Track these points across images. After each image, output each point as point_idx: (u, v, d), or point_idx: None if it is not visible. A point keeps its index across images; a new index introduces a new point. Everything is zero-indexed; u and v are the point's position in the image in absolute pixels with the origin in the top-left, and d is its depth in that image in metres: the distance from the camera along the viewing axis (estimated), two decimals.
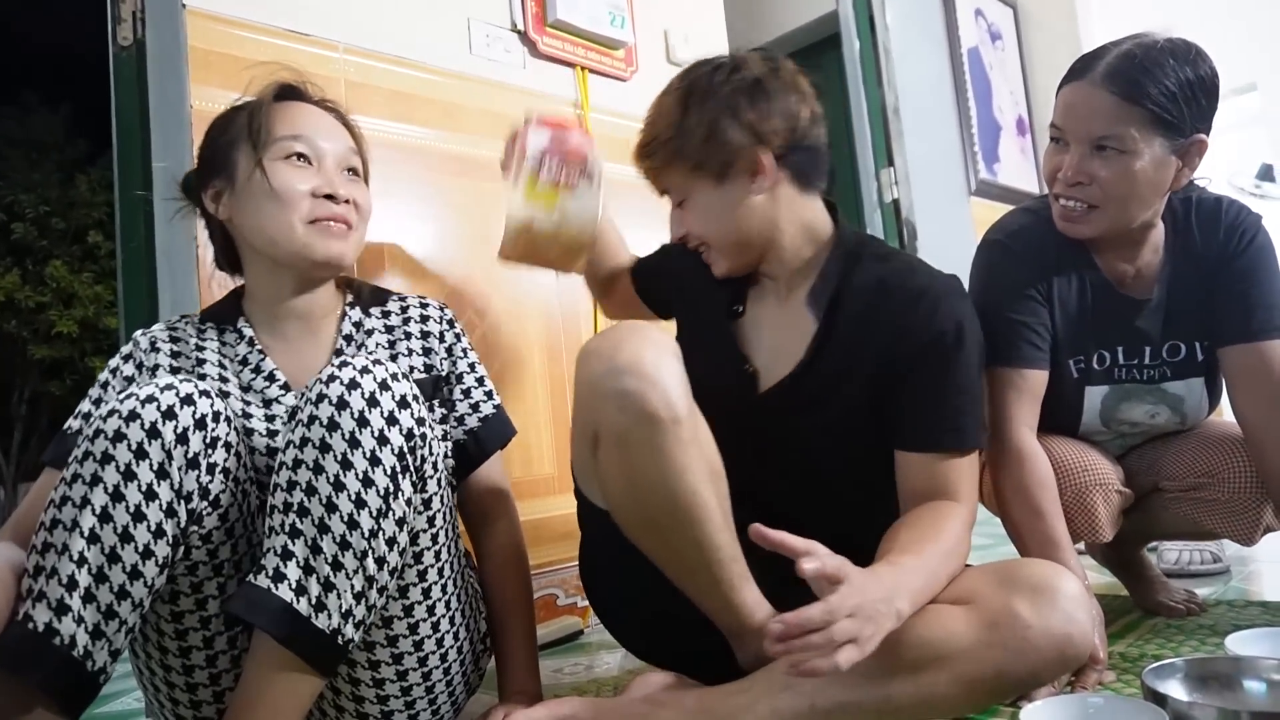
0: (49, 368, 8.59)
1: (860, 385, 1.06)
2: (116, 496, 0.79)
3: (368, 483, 0.83)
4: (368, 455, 0.83)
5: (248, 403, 1.02)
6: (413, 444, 0.86)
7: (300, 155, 1.02)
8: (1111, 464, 1.26)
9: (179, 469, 0.82)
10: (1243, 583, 1.57)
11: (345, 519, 0.82)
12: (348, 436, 0.82)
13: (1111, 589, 1.50)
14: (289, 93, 1.08)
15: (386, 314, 1.13)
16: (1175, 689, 0.83)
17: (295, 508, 0.83)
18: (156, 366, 1.03)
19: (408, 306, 1.14)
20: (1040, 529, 1.13)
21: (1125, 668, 1.11)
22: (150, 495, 0.80)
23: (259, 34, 1.49)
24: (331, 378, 0.84)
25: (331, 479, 0.82)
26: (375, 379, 0.85)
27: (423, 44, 1.71)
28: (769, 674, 0.93)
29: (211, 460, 0.85)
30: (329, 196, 1.01)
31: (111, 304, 7.93)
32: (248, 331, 1.06)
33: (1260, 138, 4.17)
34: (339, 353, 1.07)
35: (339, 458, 0.82)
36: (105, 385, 1.03)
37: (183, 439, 0.82)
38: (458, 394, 1.12)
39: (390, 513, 0.84)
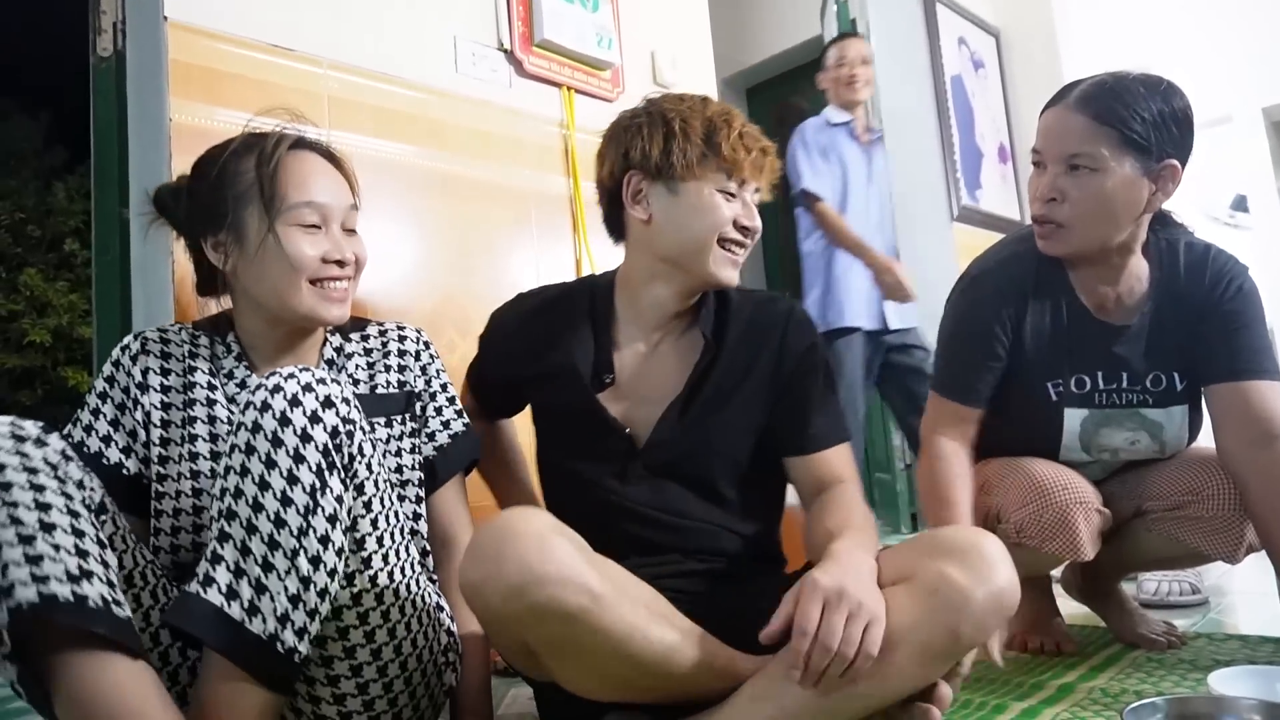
0: (19, 377, 8.43)
1: (741, 406, 1.16)
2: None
3: (293, 479, 0.82)
4: (291, 452, 0.82)
5: (233, 414, 1.01)
6: (338, 441, 0.85)
7: (311, 225, 1.03)
8: (1090, 486, 1.27)
9: None
10: (1221, 614, 1.57)
11: (272, 517, 0.82)
12: (270, 436, 0.82)
13: (1090, 619, 1.49)
14: (297, 144, 1.06)
15: (366, 338, 1.14)
16: None
17: (224, 513, 0.83)
18: (147, 370, 1.04)
19: (386, 331, 1.16)
20: (948, 516, 1.21)
21: (1107, 703, 1.10)
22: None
23: (242, 48, 1.48)
24: (258, 386, 0.85)
25: (256, 479, 0.82)
26: (299, 382, 0.85)
27: (408, 61, 1.70)
28: (735, 697, 0.94)
29: None
30: (337, 262, 1.03)
31: (87, 313, 7.80)
32: (237, 348, 1.08)
33: (1234, 168, 4.24)
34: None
35: (263, 457, 0.82)
36: (104, 396, 1.04)
37: None
38: (430, 410, 1.13)
39: (319, 509, 0.83)
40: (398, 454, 1.08)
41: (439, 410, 1.14)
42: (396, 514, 0.96)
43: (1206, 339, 1.22)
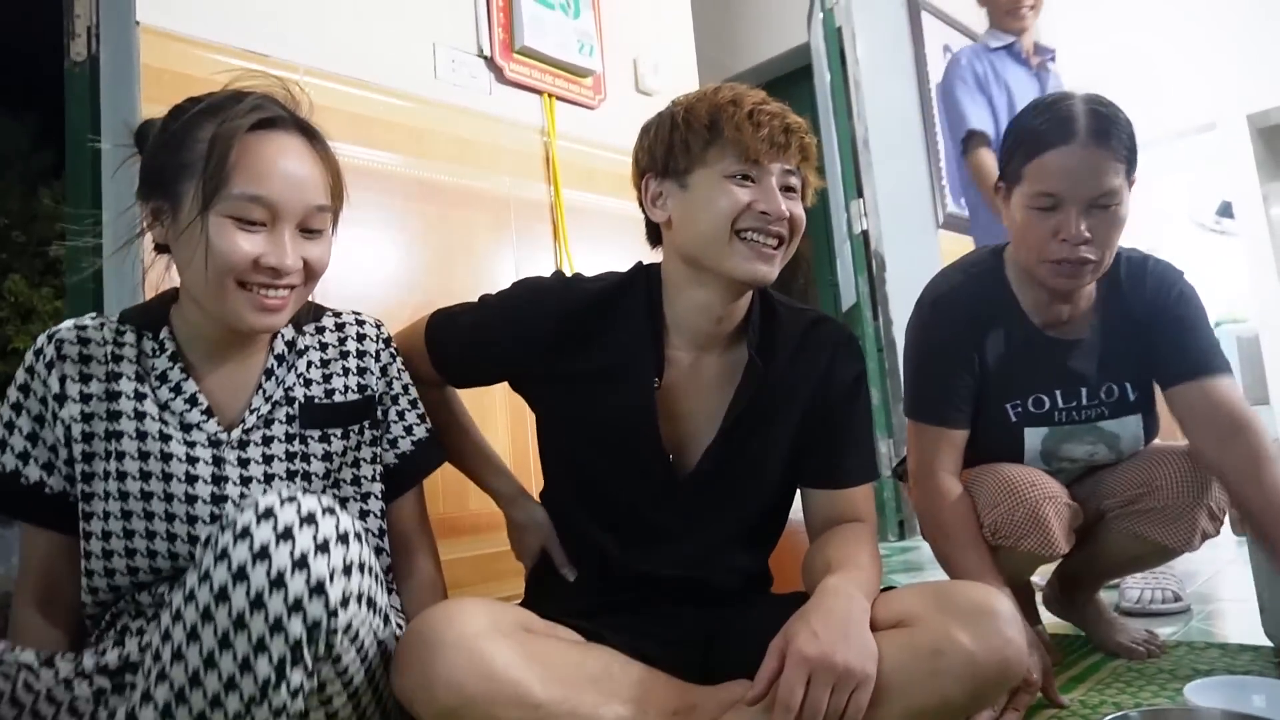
0: (3, 383, 8.41)
1: (782, 432, 1.12)
2: None
3: (245, 667, 0.73)
4: (253, 640, 0.72)
5: (165, 423, 0.94)
6: (316, 635, 0.74)
7: (252, 221, 0.89)
8: (1057, 482, 1.28)
9: None
10: (1203, 622, 1.57)
11: (208, 696, 0.74)
12: (234, 616, 0.72)
13: (1072, 628, 1.48)
14: (270, 123, 0.92)
15: (321, 330, 1.05)
16: None
17: (168, 654, 0.75)
18: (64, 378, 0.93)
19: (344, 324, 1.06)
20: (964, 559, 1.22)
21: (1086, 715, 1.09)
22: None
23: (216, 53, 1.46)
24: (244, 533, 0.73)
25: (204, 653, 0.73)
26: (293, 550, 0.73)
27: (387, 67, 1.69)
28: None
29: None
30: (274, 269, 0.89)
31: None
32: (170, 345, 0.96)
33: (1219, 175, 4.27)
34: (269, 373, 0.99)
35: (218, 633, 0.72)
36: (18, 407, 0.94)
37: None
38: (392, 415, 1.07)
39: (265, 702, 0.74)
40: (355, 464, 1.04)
41: (401, 415, 1.08)
42: (377, 643, 0.85)
43: (1159, 345, 1.25)
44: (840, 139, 3.58)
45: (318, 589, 0.73)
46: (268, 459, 0.96)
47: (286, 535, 0.73)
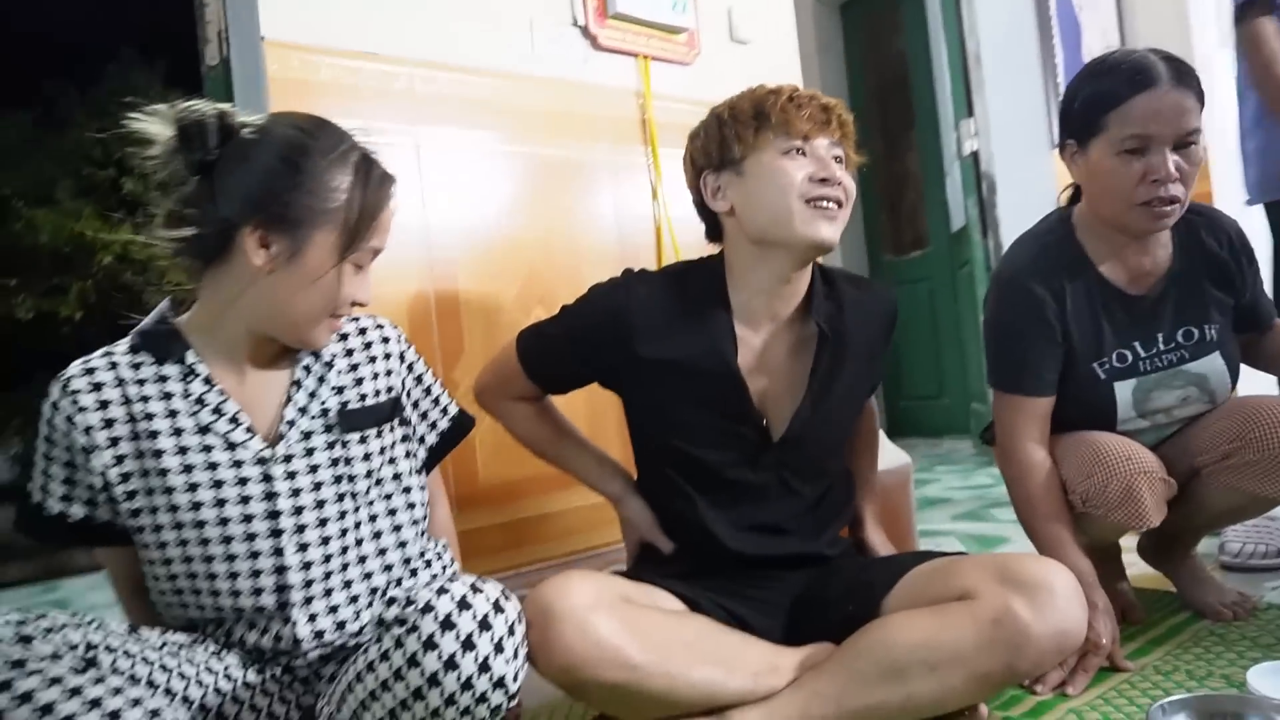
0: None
1: (856, 392, 1.31)
2: None
3: None
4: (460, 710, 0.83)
5: (209, 448, 0.99)
6: (498, 714, 0.86)
7: (361, 266, 1.03)
8: (1153, 455, 1.30)
9: None
10: None
11: None
12: (445, 696, 0.83)
13: (1162, 583, 1.51)
14: (391, 190, 1.04)
15: (344, 337, 1.12)
16: None
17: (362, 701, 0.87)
18: (88, 429, 0.96)
19: (365, 329, 1.14)
20: (1048, 530, 1.30)
21: (1157, 680, 1.15)
22: None
23: (333, 57, 1.57)
24: (448, 623, 0.83)
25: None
26: (492, 636, 0.84)
27: (487, 50, 1.76)
28: (791, 689, 1.05)
29: None
30: (359, 304, 1.04)
31: None
32: (202, 369, 1.00)
33: None
34: (298, 384, 1.05)
35: (428, 708, 0.83)
36: (48, 456, 0.99)
37: None
38: (427, 404, 1.19)
39: None
40: (393, 461, 1.10)
41: (436, 400, 1.20)
42: None
43: (1252, 288, 1.37)
44: (950, 54, 3.44)
45: (499, 683, 0.84)
46: (313, 469, 1.03)
47: (485, 624, 0.84)
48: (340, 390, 1.08)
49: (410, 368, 1.17)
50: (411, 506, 1.12)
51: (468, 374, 1.61)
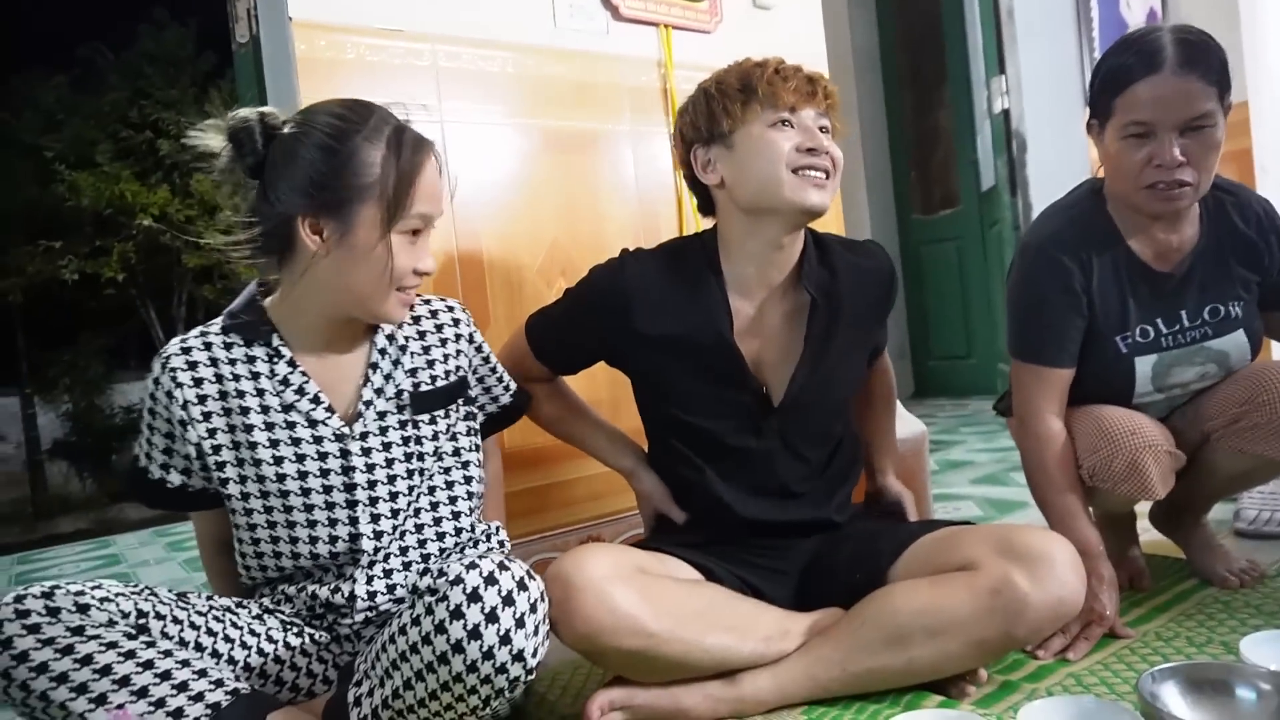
0: (201, 274, 9.38)
1: (856, 354, 1.35)
2: None
3: (465, 695, 0.90)
4: (481, 678, 0.88)
5: (293, 424, 1.07)
6: (517, 686, 0.91)
7: (415, 232, 1.05)
8: (1160, 428, 1.32)
9: None
10: None
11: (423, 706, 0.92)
12: (468, 662, 0.88)
13: (1174, 550, 1.54)
14: (429, 152, 1.07)
15: (416, 319, 1.18)
16: (1171, 694, 0.92)
17: (385, 668, 0.94)
18: (186, 404, 1.05)
19: (436, 311, 1.20)
20: (1060, 502, 1.32)
21: (1158, 647, 1.19)
22: None
23: (359, 36, 1.60)
24: (474, 595, 0.88)
25: (429, 689, 0.90)
26: (514, 612, 0.89)
27: (510, 25, 1.78)
28: (799, 653, 1.10)
29: None
30: (422, 273, 1.07)
31: None
32: (286, 352, 1.08)
33: None
34: (374, 366, 1.12)
35: (452, 672, 0.89)
36: (151, 427, 1.09)
37: None
38: (492, 380, 1.26)
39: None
40: (454, 438, 1.17)
41: (500, 378, 1.27)
42: None
43: (1275, 272, 1.36)
44: (982, 10, 3.37)
45: (518, 656, 0.89)
46: (386, 446, 1.11)
47: (509, 600, 0.89)
48: (414, 373, 1.15)
49: (479, 349, 1.23)
50: (468, 480, 1.19)
51: (494, 345, 1.65)
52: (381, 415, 1.12)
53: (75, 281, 9.72)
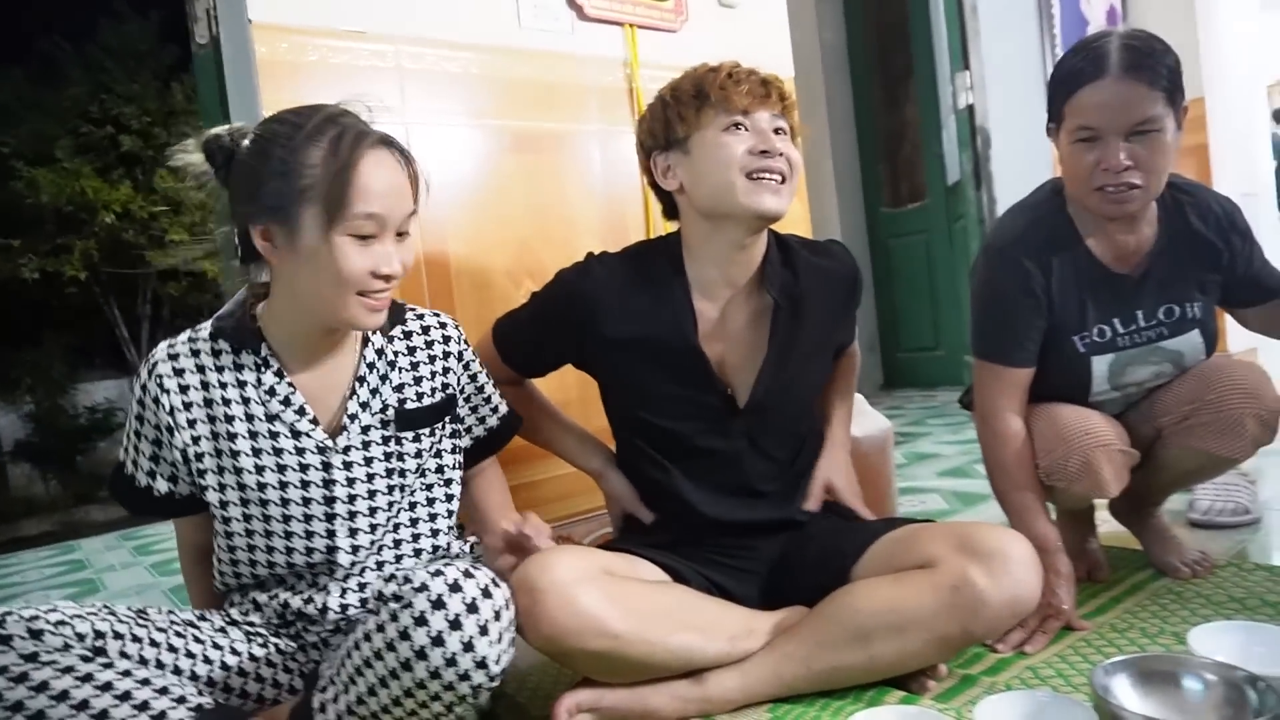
0: (166, 271, 9.25)
1: (821, 353, 1.37)
2: None
3: (427, 701, 0.91)
4: (443, 685, 0.89)
5: (276, 434, 1.07)
6: (479, 693, 0.92)
7: (366, 236, 0.99)
8: (1113, 426, 1.36)
9: None
10: (1271, 535, 1.63)
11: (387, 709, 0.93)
12: (430, 669, 0.89)
13: (1131, 540, 1.58)
14: (372, 143, 1.02)
15: (409, 335, 1.17)
16: (1122, 686, 0.94)
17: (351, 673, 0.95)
18: (173, 409, 1.06)
19: (428, 327, 1.18)
20: (1018, 499, 1.35)
21: (1112, 639, 1.22)
22: None
23: (321, 38, 1.59)
24: (439, 602, 0.89)
25: (392, 696, 0.91)
26: (478, 619, 0.90)
27: (474, 26, 1.78)
28: (764, 652, 1.12)
29: None
30: (386, 276, 1.01)
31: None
32: (274, 362, 1.08)
33: None
34: (361, 380, 1.11)
35: (415, 679, 0.90)
36: (138, 433, 1.10)
37: None
38: (479, 400, 1.24)
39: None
40: (438, 455, 1.17)
41: (488, 398, 1.25)
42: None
43: (1238, 270, 1.38)
44: (947, 5, 3.40)
45: (481, 664, 0.90)
46: (368, 461, 1.11)
47: (472, 607, 0.90)
48: (400, 389, 1.14)
49: (466, 366, 1.21)
50: (450, 499, 1.20)
51: None
52: (365, 430, 1.12)
53: (36, 280, 9.54)
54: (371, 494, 1.11)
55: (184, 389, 1.07)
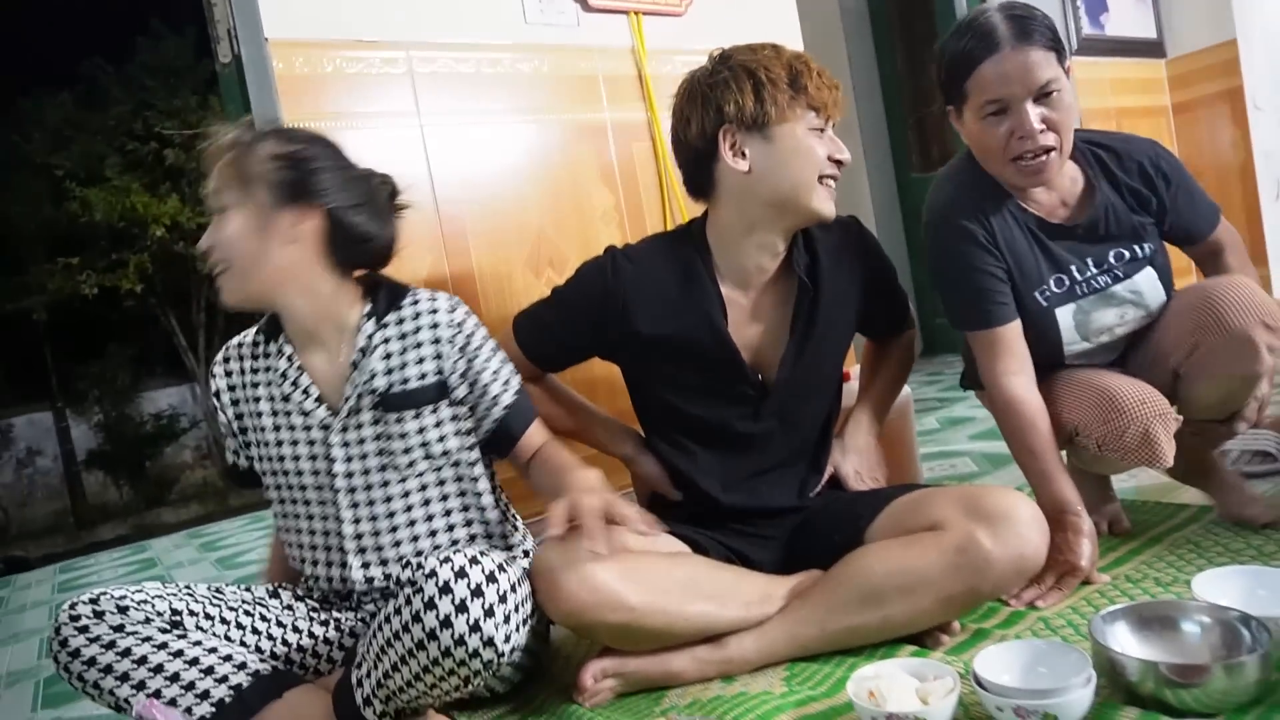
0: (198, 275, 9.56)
1: (842, 331, 1.39)
2: None
3: (445, 676, 1.02)
4: (456, 662, 1.00)
5: (289, 413, 1.22)
6: (492, 667, 1.01)
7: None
8: (1159, 393, 1.31)
9: None
10: None
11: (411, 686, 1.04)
12: (442, 648, 0.99)
13: (1144, 495, 1.58)
14: None
15: (401, 321, 1.21)
16: (1121, 632, 0.97)
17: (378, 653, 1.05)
18: (218, 392, 1.30)
19: (420, 313, 1.22)
20: (1036, 467, 1.33)
21: (1125, 590, 1.24)
22: None
23: (335, 50, 1.66)
24: (445, 588, 0.99)
25: (413, 671, 1.02)
26: (483, 603, 0.99)
27: (482, 26, 1.83)
28: (780, 616, 1.16)
29: None
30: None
31: None
32: (288, 348, 1.22)
33: None
34: (355, 365, 1.20)
35: (430, 657, 1.00)
36: (216, 408, 1.31)
37: None
38: (486, 379, 1.22)
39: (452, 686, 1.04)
40: (441, 439, 1.21)
41: (495, 374, 1.23)
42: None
43: (1174, 208, 1.39)
44: None
45: (489, 642, 0.99)
46: (361, 441, 1.20)
47: (477, 592, 0.99)
48: (389, 373, 1.21)
49: (462, 351, 1.21)
50: (460, 479, 1.24)
51: None
52: (357, 410, 1.21)
53: (95, 295, 9.92)
54: (366, 472, 1.20)
55: (228, 374, 1.28)
